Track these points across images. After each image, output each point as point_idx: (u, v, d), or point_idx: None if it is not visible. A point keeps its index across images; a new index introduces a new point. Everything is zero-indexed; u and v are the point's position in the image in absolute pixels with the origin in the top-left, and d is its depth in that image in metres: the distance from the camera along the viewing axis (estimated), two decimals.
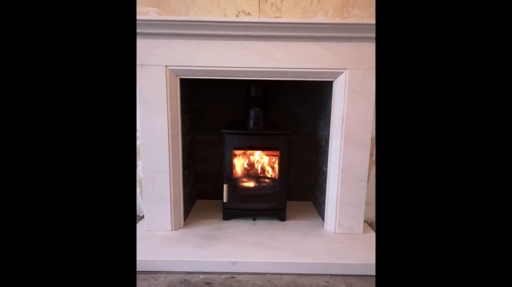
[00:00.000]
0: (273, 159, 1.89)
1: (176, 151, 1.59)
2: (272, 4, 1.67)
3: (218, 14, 1.67)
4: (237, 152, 1.86)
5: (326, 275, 1.38)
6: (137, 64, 1.45)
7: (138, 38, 1.41)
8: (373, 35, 1.39)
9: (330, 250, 1.47)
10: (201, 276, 1.36)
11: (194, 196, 2.05)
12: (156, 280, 1.32)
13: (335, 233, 1.64)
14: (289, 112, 2.01)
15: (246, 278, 1.35)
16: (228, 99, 1.99)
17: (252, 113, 1.77)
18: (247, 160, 1.92)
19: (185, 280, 1.33)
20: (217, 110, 2.00)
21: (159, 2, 1.66)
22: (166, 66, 1.47)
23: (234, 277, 1.35)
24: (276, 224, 1.76)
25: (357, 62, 1.47)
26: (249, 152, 1.90)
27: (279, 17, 1.67)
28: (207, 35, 1.42)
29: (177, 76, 1.53)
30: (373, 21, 1.40)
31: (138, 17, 1.35)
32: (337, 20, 1.62)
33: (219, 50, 1.45)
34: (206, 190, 2.12)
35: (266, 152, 1.89)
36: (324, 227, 1.70)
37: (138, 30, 1.37)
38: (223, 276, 1.36)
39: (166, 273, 1.36)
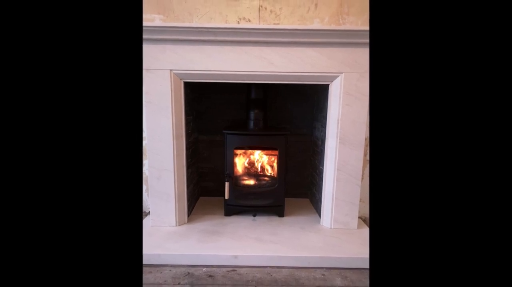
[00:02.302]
0: (272, 158, 1.89)
1: (180, 150, 1.59)
2: (271, 11, 1.67)
3: (220, 21, 1.67)
4: (238, 151, 1.86)
5: (322, 268, 1.38)
6: (143, 68, 1.45)
7: (144, 44, 1.41)
8: (367, 40, 1.39)
9: (326, 245, 1.47)
10: (204, 269, 1.36)
11: (197, 193, 2.05)
12: (161, 273, 1.32)
13: (331, 228, 1.64)
14: (287, 113, 2.01)
15: (246, 271, 1.35)
16: (230, 101, 1.99)
17: (252, 115, 1.77)
18: (247, 159, 1.91)
19: (188, 273, 1.33)
20: (219, 112, 2.00)
21: (164, 10, 1.66)
22: (170, 70, 1.47)
23: (235, 270, 1.35)
24: (275, 220, 1.76)
25: (351, 66, 1.47)
26: (249, 151, 1.90)
27: (278, 24, 1.67)
28: (210, 40, 1.42)
29: (181, 79, 1.53)
30: (367, 27, 1.40)
31: (144, 23, 1.35)
32: (332, 27, 1.62)
33: (221, 55, 1.45)
34: (208, 188, 2.12)
35: (266, 151, 1.89)
36: (321, 223, 1.70)
37: (144, 36, 1.37)
38: (224, 269, 1.36)
39: (170, 266, 1.37)
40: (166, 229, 1.59)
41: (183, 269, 1.35)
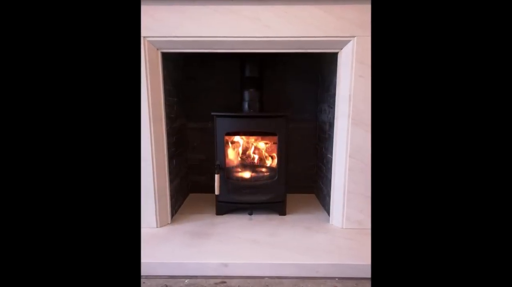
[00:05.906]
0: (271, 146, 1.58)
1: (159, 136, 1.29)
2: None
3: None
4: (231, 137, 1.55)
5: (334, 278, 1.07)
6: None
7: None
8: None
9: (339, 248, 1.16)
10: (186, 281, 1.06)
11: (186, 189, 1.75)
12: None
13: (342, 228, 1.33)
14: (287, 97, 1.71)
15: (239, 282, 1.05)
16: (222, 83, 1.69)
17: (247, 95, 1.47)
18: (241, 147, 1.61)
19: (166, 286, 1.03)
20: (211, 96, 1.70)
21: None
22: (144, 37, 1.17)
23: (225, 282, 1.05)
24: (275, 219, 1.46)
25: (366, 28, 1.16)
26: (244, 137, 1.59)
27: None
28: None
29: (157, 49, 1.23)
30: None
31: None
32: None
33: (205, 17, 1.15)
34: (200, 183, 1.81)
35: (263, 137, 1.58)
36: (330, 222, 1.39)
37: None
38: (212, 281, 1.06)
39: (144, 278, 1.07)
40: (144, 231, 1.29)
41: (160, 281, 1.06)
